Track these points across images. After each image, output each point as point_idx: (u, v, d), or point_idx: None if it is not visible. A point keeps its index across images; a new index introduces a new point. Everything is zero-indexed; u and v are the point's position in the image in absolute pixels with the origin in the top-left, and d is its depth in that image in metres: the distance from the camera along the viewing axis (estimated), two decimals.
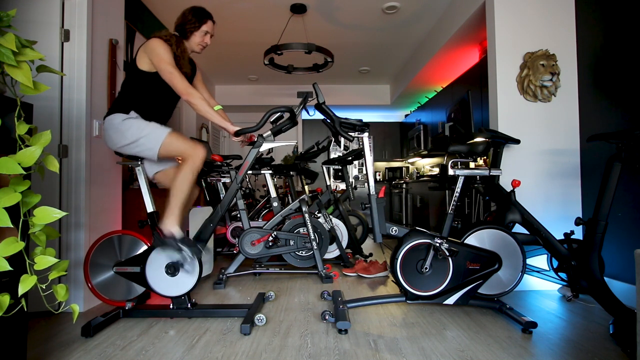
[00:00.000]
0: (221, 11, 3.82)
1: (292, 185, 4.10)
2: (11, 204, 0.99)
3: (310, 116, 2.61)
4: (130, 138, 1.84)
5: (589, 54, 2.54)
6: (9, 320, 1.08)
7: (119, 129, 1.84)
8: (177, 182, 1.85)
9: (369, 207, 1.90)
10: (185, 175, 1.85)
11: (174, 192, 1.85)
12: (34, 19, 2.08)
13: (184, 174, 1.85)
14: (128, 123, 1.84)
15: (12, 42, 1.00)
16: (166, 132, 1.87)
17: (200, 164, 1.88)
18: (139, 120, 1.87)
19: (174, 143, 1.86)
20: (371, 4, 3.72)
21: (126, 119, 1.85)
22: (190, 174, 1.86)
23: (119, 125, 1.84)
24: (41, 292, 1.08)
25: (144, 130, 1.84)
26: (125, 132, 1.84)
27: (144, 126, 1.86)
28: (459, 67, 4.54)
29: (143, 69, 1.90)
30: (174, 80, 1.87)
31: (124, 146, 1.87)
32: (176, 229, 1.85)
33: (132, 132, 1.83)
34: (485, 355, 1.50)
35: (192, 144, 1.88)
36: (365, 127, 1.92)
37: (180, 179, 1.85)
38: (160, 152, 1.86)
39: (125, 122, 1.84)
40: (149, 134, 1.84)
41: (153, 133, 1.85)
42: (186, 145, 1.87)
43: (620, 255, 2.25)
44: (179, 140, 1.88)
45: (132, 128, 1.84)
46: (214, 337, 1.70)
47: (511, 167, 2.58)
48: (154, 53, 1.86)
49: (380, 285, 2.68)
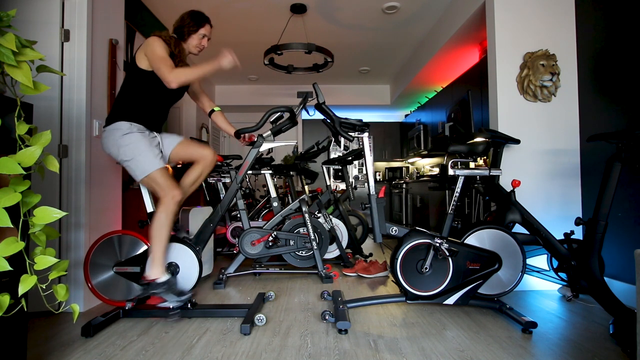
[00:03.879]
0: (221, 11, 3.82)
1: (292, 185, 4.10)
2: (11, 204, 0.98)
3: (310, 116, 2.62)
4: (124, 155, 1.85)
5: (589, 54, 2.54)
6: (9, 320, 1.08)
7: (117, 143, 1.84)
8: (154, 229, 1.86)
9: (369, 207, 1.90)
10: (161, 221, 1.87)
11: (153, 238, 1.86)
12: (34, 19, 2.08)
13: (158, 218, 1.87)
14: (127, 139, 1.84)
15: (12, 42, 1.00)
16: (157, 167, 1.86)
17: (174, 207, 1.89)
18: (138, 139, 1.86)
19: (157, 180, 1.86)
20: (371, 4, 3.72)
21: (126, 135, 1.84)
22: (165, 218, 1.87)
23: (118, 139, 1.84)
24: (41, 292, 1.08)
25: (139, 155, 1.84)
26: (121, 148, 1.84)
27: (141, 150, 1.85)
28: (459, 67, 4.54)
29: (142, 67, 1.90)
30: (161, 69, 1.83)
31: (116, 158, 1.89)
32: (160, 275, 1.85)
33: (128, 150, 1.84)
34: (485, 355, 1.50)
35: (172, 187, 1.88)
36: (365, 127, 1.92)
37: (156, 224, 1.86)
38: (143, 180, 1.88)
39: (124, 138, 1.84)
40: (142, 161, 1.84)
41: (146, 160, 1.85)
42: (167, 186, 1.87)
43: (620, 255, 2.25)
44: (163, 179, 1.87)
45: (129, 146, 1.84)
46: (214, 337, 1.70)
47: (511, 167, 2.58)
48: (149, 49, 1.87)
49: (380, 285, 2.68)
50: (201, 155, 2.08)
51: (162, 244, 1.86)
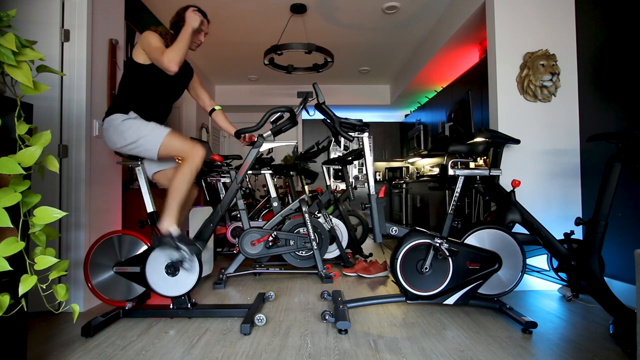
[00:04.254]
0: (221, 11, 3.82)
1: (292, 185, 4.10)
2: (11, 204, 0.98)
3: (310, 116, 2.61)
4: (129, 139, 1.84)
5: (589, 54, 2.54)
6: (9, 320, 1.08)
7: (119, 129, 1.84)
8: (175, 181, 1.85)
9: (369, 207, 1.90)
10: (184, 175, 1.85)
11: (172, 191, 1.86)
12: (34, 19, 2.08)
13: (182, 173, 1.85)
14: (127, 124, 1.84)
15: (12, 42, 1.00)
16: (165, 132, 1.87)
17: (200, 163, 1.88)
18: (138, 121, 1.87)
19: (173, 143, 1.86)
20: (371, 4, 3.72)
21: (125, 120, 1.85)
22: (189, 173, 1.86)
23: (118, 125, 1.84)
24: (41, 292, 1.08)
25: (143, 131, 1.84)
26: (124, 133, 1.84)
27: (143, 127, 1.86)
28: (459, 67, 4.54)
29: (139, 61, 1.90)
30: (157, 59, 1.82)
31: (123, 147, 1.87)
32: (174, 227, 1.85)
33: (131, 132, 1.84)
34: (485, 355, 1.50)
35: (192, 144, 1.88)
36: (365, 127, 1.92)
37: (179, 178, 1.85)
38: (160, 152, 1.86)
39: (124, 123, 1.84)
40: (148, 134, 1.84)
41: (152, 133, 1.85)
42: (185, 145, 1.87)
43: (620, 255, 2.25)
44: (179, 140, 1.88)
45: (132, 129, 1.84)
46: (214, 337, 1.70)
47: (511, 167, 2.58)
48: (144, 43, 1.87)
49: (380, 285, 2.68)
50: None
51: (180, 198, 1.86)
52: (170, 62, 1.79)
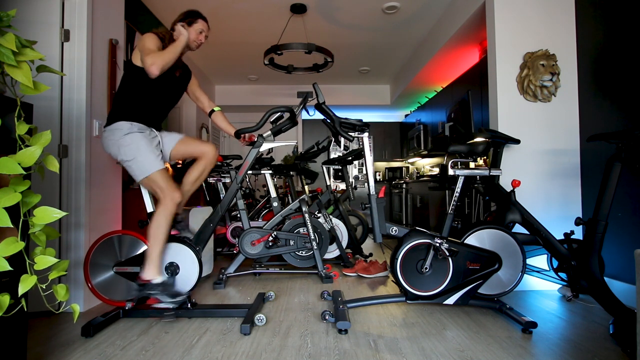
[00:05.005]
0: (221, 11, 3.82)
1: (292, 185, 4.10)
2: (11, 204, 0.98)
3: (310, 116, 2.61)
4: (124, 155, 1.85)
5: (589, 54, 2.54)
6: (9, 320, 1.08)
7: (118, 143, 1.85)
8: (152, 230, 1.86)
9: (369, 207, 1.90)
10: (159, 222, 1.87)
11: (150, 240, 1.86)
12: (34, 19, 2.08)
13: (157, 219, 1.87)
14: (128, 139, 1.84)
15: (12, 42, 1.00)
16: (157, 168, 1.87)
17: (173, 208, 1.89)
18: (139, 139, 1.86)
19: (157, 181, 1.86)
20: (371, 4, 3.72)
21: (127, 135, 1.85)
22: (164, 219, 1.87)
23: (119, 139, 1.84)
24: (41, 292, 1.08)
25: (140, 155, 1.84)
26: (121, 148, 1.84)
27: (142, 150, 1.85)
28: (459, 67, 4.54)
29: (137, 63, 1.91)
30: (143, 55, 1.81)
31: (117, 157, 1.89)
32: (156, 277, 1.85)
33: (128, 150, 1.84)
34: (485, 355, 1.50)
35: (172, 189, 1.88)
36: (365, 127, 1.92)
37: (154, 225, 1.86)
38: (143, 181, 1.88)
39: (125, 138, 1.84)
40: (142, 161, 1.84)
41: (146, 162, 1.85)
42: (166, 188, 1.87)
43: (620, 255, 2.25)
44: (162, 181, 1.87)
45: (130, 147, 1.84)
46: (214, 337, 1.70)
47: (511, 167, 2.58)
48: (140, 44, 1.87)
49: (380, 285, 2.68)
50: (202, 152, 2.08)
51: (160, 245, 1.86)
52: (152, 65, 1.78)
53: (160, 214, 1.87)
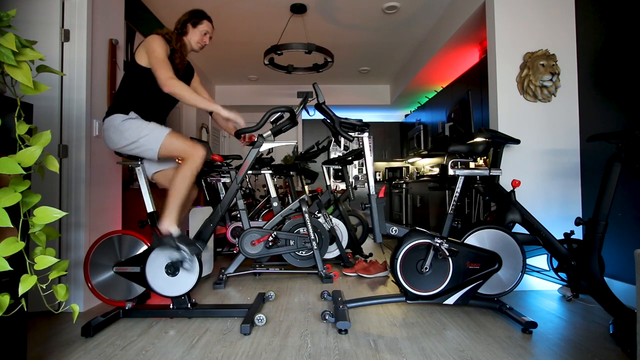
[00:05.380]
0: (221, 11, 3.82)
1: (292, 185, 4.10)
2: (11, 204, 0.98)
3: (310, 116, 2.61)
4: (129, 139, 1.84)
5: (589, 54, 2.54)
6: (9, 320, 1.08)
7: (119, 129, 1.84)
8: (176, 182, 1.86)
9: (369, 207, 1.90)
10: (185, 175, 1.86)
11: (172, 191, 1.86)
12: (34, 19, 2.08)
13: (183, 173, 1.85)
14: (127, 124, 1.85)
15: (12, 42, 1.00)
16: (166, 133, 1.87)
17: (201, 163, 1.89)
18: (138, 121, 1.87)
19: (174, 143, 1.87)
20: (371, 4, 3.72)
21: (126, 120, 1.85)
22: (190, 173, 1.86)
23: (118, 125, 1.84)
24: (41, 292, 1.08)
25: (143, 131, 1.85)
26: (124, 133, 1.84)
27: (144, 127, 1.86)
28: (459, 67, 4.54)
29: (142, 64, 1.91)
30: (158, 70, 1.85)
31: (124, 147, 1.87)
32: (174, 227, 1.86)
33: (131, 132, 1.84)
34: (485, 355, 1.50)
35: (192, 144, 1.89)
36: (365, 127, 1.92)
37: (179, 178, 1.85)
38: (161, 152, 1.86)
39: (124, 123, 1.84)
40: (148, 134, 1.85)
41: (153, 133, 1.85)
42: (186, 145, 1.88)
43: (620, 255, 2.25)
44: (179, 140, 1.88)
45: (132, 129, 1.84)
46: (214, 337, 1.70)
47: (511, 167, 2.58)
48: (149, 48, 1.88)
49: (380, 285, 2.68)
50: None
51: (181, 197, 1.86)
52: (168, 86, 1.83)
53: (187, 168, 1.85)
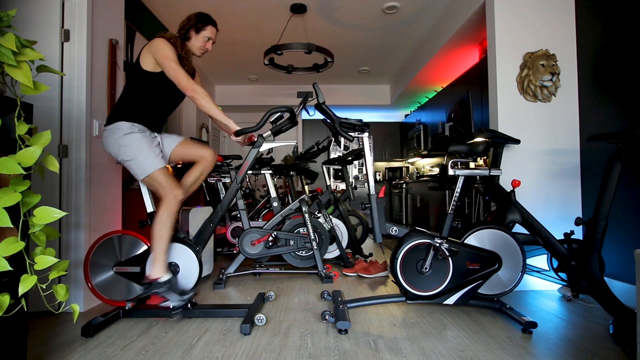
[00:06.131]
0: (221, 11, 3.81)
1: (292, 185, 4.10)
2: (11, 204, 0.98)
3: (310, 116, 2.61)
4: (124, 155, 1.85)
5: (589, 54, 2.54)
6: (9, 320, 1.08)
7: (118, 142, 1.85)
8: (156, 228, 1.86)
9: (369, 207, 1.90)
10: (163, 220, 1.87)
11: (154, 237, 1.86)
12: (34, 19, 2.08)
13: (160, 217, 1.87)
14: (128, 139, 1.84)
15: (12, 42, 1.00)
16: (158, 166, 1.87)
17: (176, 206, 1.89)
18: (139, 139, 1.86)
19: (159, 179, 1.86)
20: (371, 4, 3.72)
21: (127, 135, 1.85)
22: (167, 217, 1.87)
23: (119, 139, 1.84)
24: (41, 292, 1.08)
25: (140, 155, 1.84)
26: (122, 148, 1.85)
27: (142, 149, 1.85)
28: (459, 67, 4.54)
29: (147, 69, 1.90)
30: (179, 77, 1.87)
31: (117, 157, 1.89)
32: (163, 274, 1.85)
33: (128, 150, 1.84)
34: (485, 355, 1.50)
35: (173, 187, 1.88)
36: (365, 127, 1.92)
37: (158, 223, 1.86)
38: (145, 179, 1.88)
39: (125, 138, 1.84)
40: (143, 160, 1.85)
41: (147, 160, 1.85)
42: (168, 185, 1.87)
43: (620, 255, 2.25)
44: (164, 179, 1.87)
45: (130, 146, 1.84)
46: (214, 337, 1.70)
47: (511, 167, 2.58)
48: (159, 52, 1.87)
49: (380, 285, 2.68)
50: (201, 156, 2.08)
51: (164, 243, 1.86)
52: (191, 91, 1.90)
53: (163, 212, 1.86)
